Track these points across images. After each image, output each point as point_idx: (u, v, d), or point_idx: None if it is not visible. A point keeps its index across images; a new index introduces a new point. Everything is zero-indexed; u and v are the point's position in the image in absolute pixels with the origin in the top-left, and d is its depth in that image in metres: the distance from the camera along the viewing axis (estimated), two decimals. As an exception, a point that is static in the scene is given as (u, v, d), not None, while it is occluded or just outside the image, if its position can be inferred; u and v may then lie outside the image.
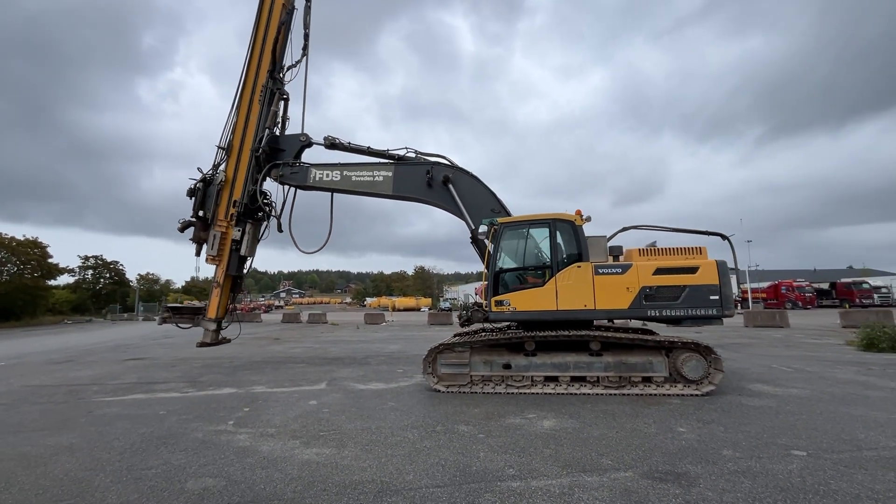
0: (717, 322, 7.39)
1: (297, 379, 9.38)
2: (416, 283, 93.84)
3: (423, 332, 23.67)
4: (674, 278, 7.42)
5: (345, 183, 8.63)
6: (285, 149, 9.03)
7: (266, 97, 9.04)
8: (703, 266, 7.40)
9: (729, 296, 7.29)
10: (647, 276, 7.47)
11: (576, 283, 7.62)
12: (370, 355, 13.36)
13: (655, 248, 7.98)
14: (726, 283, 7.31)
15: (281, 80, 9.31)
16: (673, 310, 7.35)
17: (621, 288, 7.47)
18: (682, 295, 7.34)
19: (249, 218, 9.28)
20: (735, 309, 7.50)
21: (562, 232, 7.90)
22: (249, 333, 24.08)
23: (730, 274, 7.47)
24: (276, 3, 9.35)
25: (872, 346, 12.64)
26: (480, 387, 7.68)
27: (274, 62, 9.09)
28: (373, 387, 8.41)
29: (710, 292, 7.27)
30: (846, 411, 6.07)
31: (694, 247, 7.80)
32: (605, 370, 7.44)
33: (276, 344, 17.85)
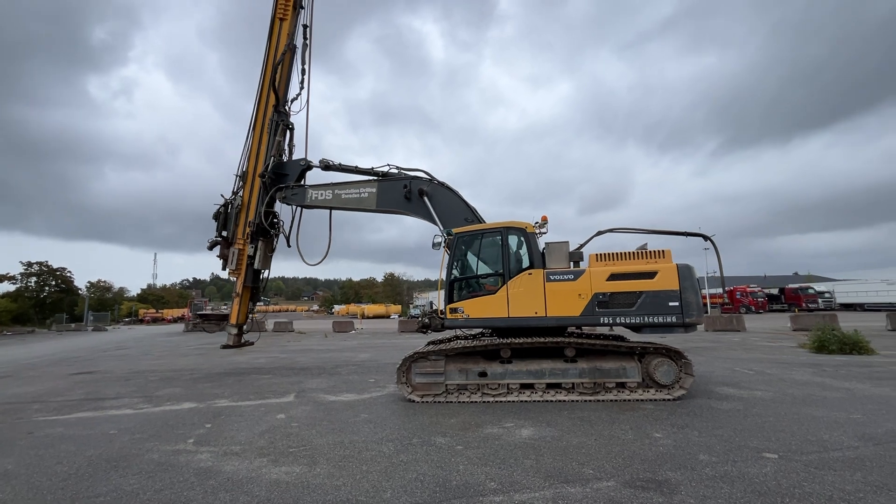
0: (678, 330, 7.08)
1: (262, 391, 8.93)
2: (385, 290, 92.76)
3: (393, 339, 23.30)
4: (629, 284, 7.22)
5: (336, 201, 9.44)
6: (289, 173, 9.98)
7: (272, 129, 10.15)
8: (661, 271, 7.14)
9: (691, 302, 6.95)
10: (600, 282, 7.32)
11: (527, 291, 7.62)
12: (340, 364, 12.97)
13: (614, 252, 7.76)
14: (688, 289, 6.99)
15: (286, 112, 10.39)
16: (628, 317, 7.15)
17: (573, 295, 7.37)
18: (639, 301, 7.13)
19: (262, 236, 10.33)
20: (698, 315, 6.98)
21: (513, 240, 7.99)
22: (211, 343, 23.01)
23: (695, 279, 7.16)
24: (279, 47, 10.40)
25: (823, 349, 13.36)
26: (456, 396, 7.53)
27: (277, 98, 10.15)
28: (344, 398, 8.11)
29: (669, 298, 7.01)
30: (809, 412, 6.30)
31: (657, 250, 7.52)
32: (580, 376, 7.45)
33: (240, 354, 17.07)
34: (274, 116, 10.21)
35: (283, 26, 10.65)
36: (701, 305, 7.09)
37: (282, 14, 10.61)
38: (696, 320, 7.02)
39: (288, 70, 10.65)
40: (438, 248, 8.33)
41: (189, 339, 27.74)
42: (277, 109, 10.22)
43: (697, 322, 7.09)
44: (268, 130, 10.26)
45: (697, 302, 7.02)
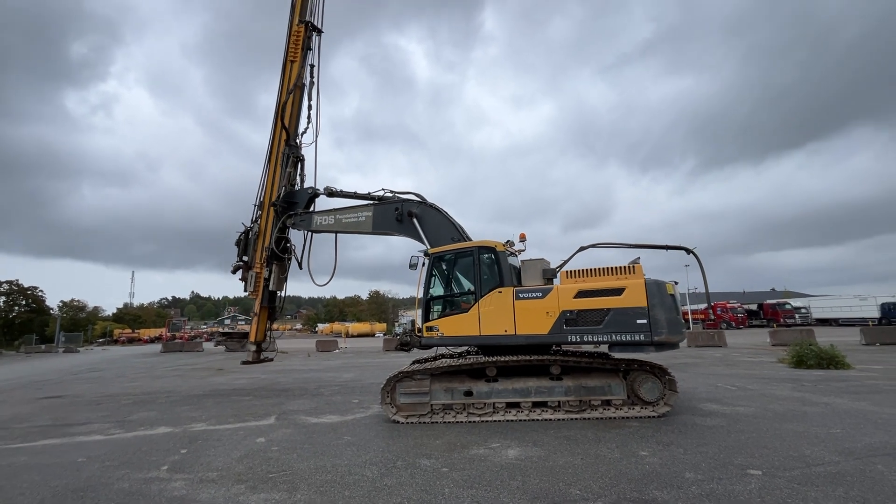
0: (648, 349, 6.75)
1: (242, 414, 8.65)
2: (370, 308, 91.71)
3: (378, 358, 22.97)
4: (596, 301, 7.02)
5: (338, 225, 9.99)
6: (298, 201, 10.65)
7: (284, 161, 10.89)
8: (629, 287, 6.89)
9: (659, 319, 6.63)
10: (567, 300, 7.17)
11: (497, 309, 7.64)
12: (323, 385, 12.69)
13: (584, 269, 7.60)
14: (656, 306, 6.69)
15: (296, 145, 11.12)
16: (595, 335, 6.96)
17: (541, 312, 7.26)
18: (606, 319, 6.90)
19: (276, 260, 10.90)
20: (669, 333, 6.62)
21: (484, 259, 8.05)
22: (189, 364, 22.33)
23: (666, 295, 6.81)
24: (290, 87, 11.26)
25: (802, 363, 13.62)
26: (441, 416, 7.41)
27: (288, 133, 10.91)
28: (326, 420, 7.90)
29: (637, 315, 6.73)
30: (790, 428, 6.37)
31: (627, 266, 7.30)
32: (565, 394, 7.42)
33: (219, 375, 16.61)
34: (285, 150, 10.95)
35: (293, 67, 11.39)
36: (675, 322, 6.78)
37: (292, 57, 11.39)
38: (666, 339, 6.65)
39: (298, 107, 11.39)
40: (415, 268, 8.58)
41: (166, 360, 26.88)
42: (288, 143, 10.96)
43: (669, 341, 6.75)
44: (280, 163, 10.98)
45: (669, 319, 6.69)
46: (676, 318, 6.91)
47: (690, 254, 7.98)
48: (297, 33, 11.35)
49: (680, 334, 6.99)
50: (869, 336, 23.06)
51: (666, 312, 6.71)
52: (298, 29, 11.37)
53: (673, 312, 6.82)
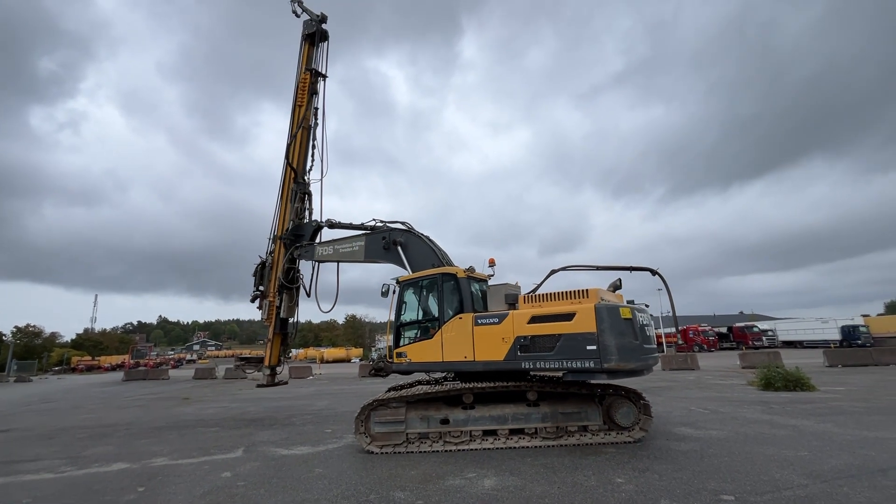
0: (599, 376, 6.54)
1: (207, 446, 8.23)
2: (346, 333, 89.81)
3: (353, 385, 22.39)
4: (548, 326, 6.83)
5: (336, 255, 10.50)
6: (304, 233, 11.34)
7: (292, 197, 11.69)
8: (579, 312, 6.63)
9: (608, 345, 6.32)
10: (521, 325, 7.03)
11: (458, 335, 7.67)
12: (295, 414, 12.24)
13: (541, 294, 7.53)
14: (605, 331, 6.39)
15: (304, 182, 11.88)
16: (547, 361, 6.76)
17: (497, 338, 7.18)
18: (558, 345, 6.69)
19: (286, 289, 11.50)
20: (620, 360, 6.32)
21: (447, 285, 8.09)
22: (153, 393, 21.24)
23: (619, 319, 6.49)
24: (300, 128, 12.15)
25: (770, 386, 13.97)
26: (417, 445, 7.24)
27: (295, 171, 11.77)
28: (298, 451, 7.60)
29: (587, 342, 6.45)
30: (760, 451, 6.48)
31: (582, 290, 7.06)
32: (542, 421, 7.38)
33: (185, 405, 15.83)
34: (293, 186, 11.79)
35: (300, 111, 12.32)
36: (628, 349, 6.45)
37: (300, 101, 12.30)
38: (616, 366, 6.33)
39: (305, 147, 12.23)
40: (386, 295, 8.83)
41: (129, 389, 25.49)
42: (296, 181, 11.78)
43: (620, 368, 6.40)
44: (289, 198, 11.81)
45: (621, 345, 6.38)
46: (632, 344, 6.53)
47: (655, 275, 7.95)
48: (304, 80, 12.32)
49: (638, 361, 6.60)
50: (831, 358, 23.92)
51: (617, 338, 6.41)
52: (305, 76, 12.35)
53: (626, 338, 6.49)
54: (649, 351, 7.02)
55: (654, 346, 7.30)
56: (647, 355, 6.90)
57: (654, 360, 7.19)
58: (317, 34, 12.50)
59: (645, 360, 6.80)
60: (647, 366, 6.98)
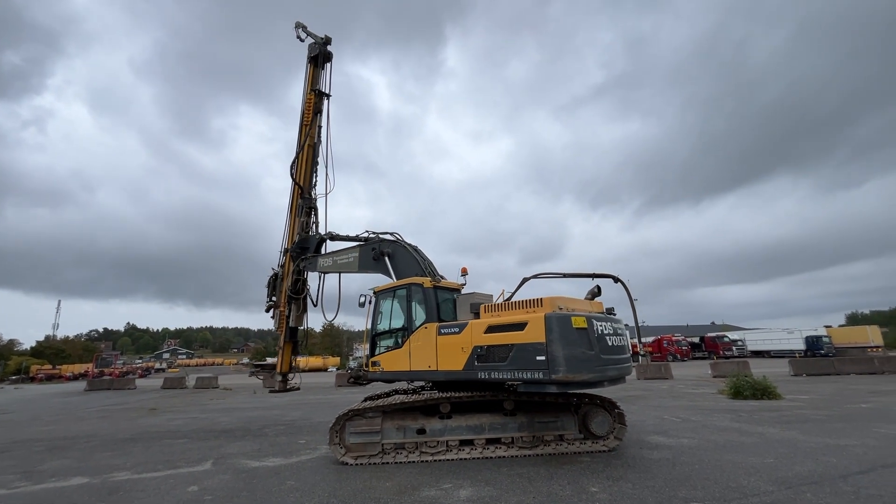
0: (550, 388, 6.29)
1: (174, 459, 7.93)
2: (324, 342, 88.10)
3: (329, 395, 21.98)
4: (503, 336, 6.72)
5: (335, 266, 10.81)
6: (309, 246, 11.68)
7: (299, 211, 12.21)
8: (530, 321, 6.47)
9: (557, 356, 6.08)
10: (479, 335, 6.97)
11: (423, 344, 7.70)
12: (268, 425, 11.93)
13: (500, 303, 7.42)
14: (554, 341, 6.16)
15: (310, 197, 12.36)
16: (501, 372, 6.66)
17: (457, 348, 7.16)
18: (510, 355, 6.57)
19: (294, 299, 11.82)
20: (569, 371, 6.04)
21: (415, 295, 8.16)
22: (118, 404, 20.39)
23: (570, 329, 6.23)
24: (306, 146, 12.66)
25: (739, 395, 14.37)
26: (393, 456, 7.14)
27: (301, 187, 12.28)
28: (269, 463, 7.39)
29: (537, 352, 6.27)
30: (729, 458, 6.64)
31: (536, 298, 6.89)
32: (519, 430, 7.39)
33: (152, 415, 15.23)
34: (300, 201, 12.31)
35: (306, 129, 12.87)
36: (580, 359, 6.15)
37: (306, 121, 12.84)
38: (564, 377, 6.05)
39: (310, 163, 12.66)
40: (363, 306, 9.08)
41: (91, 399, 24.38)
42: (303, 195, 12.26)
43: (569, 379, 6.10)
44: (296, 214, 12.36)
45: (570, 355, 6.11)
46: (584, 354, 6.22)
47: (618, 282, 7.81)
48: (310, 100, 12.81)
49: (592, 372, 6.27)
50: (796, 367, 24.81)
51: (566, 348, 6.13)
52: (310, 96, 12.84)
53: (577, 348, 6.20)
54: (612, 361, 6.64)
55: (621, 357, 6.94)
56: (608, 366, 6.52)
57: (618, 370, 6.82)
58: (320, 56, 13.00)
59: (602, 371, 6.41)
60: (607, 377, 6.60)
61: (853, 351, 44.74)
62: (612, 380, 6.90)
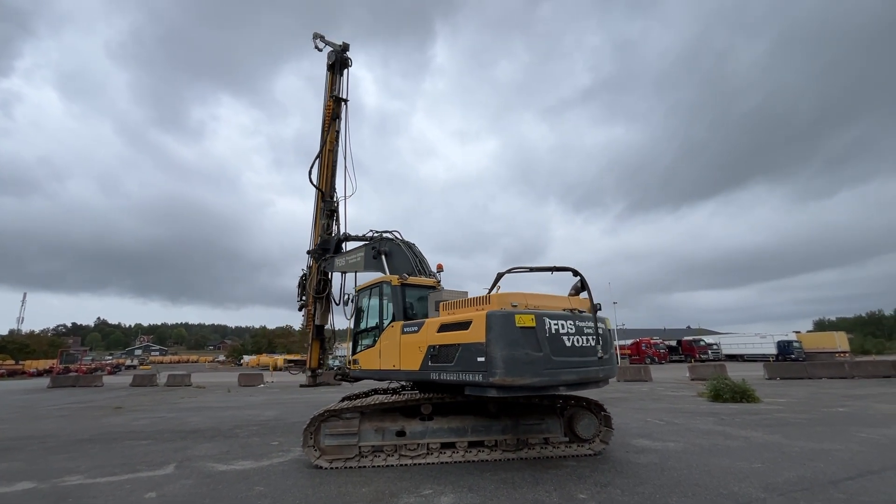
0: (489, 391, 5.83)
1: (133, 462, 7.39)
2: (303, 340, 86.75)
3: (307, 394, 21.40)
4: (451, 336, 6.35)
5: (347, 266, 10.94)
6: (329, 248, 11.98)
7: (322, 213, 12.60)
8: (475, 320, 6.03)
9: (495, 357, 5.61)
10: (432, 334, 6.67)
11: (390, 343, 7.56)
12: (240, 425, 11.39)
13: (456, 300, 7.01)
14: (493, 341, 5.69)
15: (331, 200, 12.67)
16: (448, 373, 6.28)
17: (415, 347, 6.91)
18: (457, 355, 6.17)
19: (317, 298, 12.20)
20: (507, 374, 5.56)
21: (385, 293, 8.06)
22: (82, 402, 19.41)
23: (513, 329, 5.74)
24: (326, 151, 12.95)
25: (719, 397, 14.44)
26: (370, 459, 6.77)
27: (322, 191, 12.70)
28: (238, 466, 6.93)
29: (478, 353, 5.83)
30: (717, 463, 6.49)
31: (482, 296, 6.54)
32: (503, 433, 7.12)
33: (116, 414, 14.47)
34: (322, 204, 12.70)
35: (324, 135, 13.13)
36: (522, 361, 5.63)
37: (326, 126, 13.11)
38: (502, 381, 5.57)
39: (331, 167, 12.94)
40: (347, 305, 9.31)
41: (54, 396, 23.19)
42: (324, 199, 12.65)
43: (508, 383, 5.60)
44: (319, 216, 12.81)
45: (510, 357, 5.61)
46: (528, 356, 5.67)
47: (577, 276, 7.14)
48: (329, 106, 13.05)
49: (538, 376, 5.68)
50: (771, 371, 25.33)
51: (506, 349, 5.65)
52: (329, 103, 13.07)
53: (520, 349, 5.67)
54: (570, 364, 5.97)
55: (584, 359, 6.16)
56: (563, 369, 5.88)
57: (579, 374, 6.08)
58: (337, 63, 13.18)
59: (553, 375, 5.78)
60: (560, 382, 5.92)
61: (822, 356, 46.13)
62: (572, 385, 6.14)
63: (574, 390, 6.48)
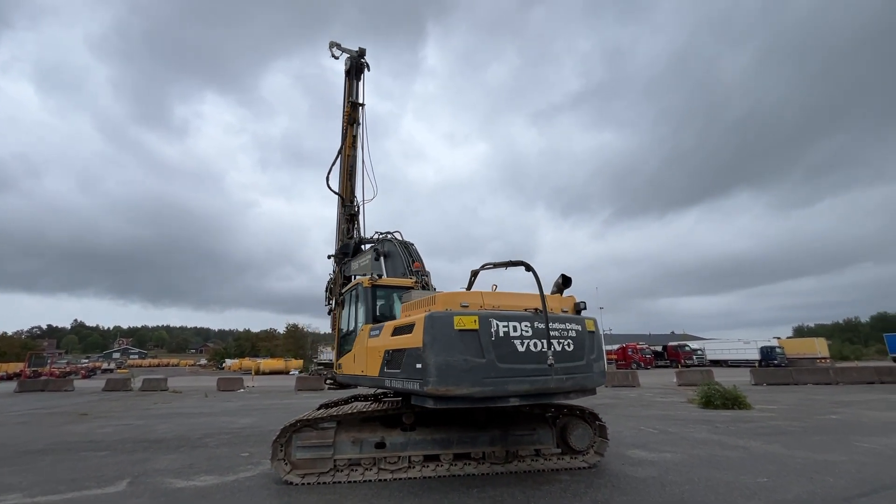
0: (427, 402, 5.31)
1: (83, 477, 6.68)
2: (287, 343, 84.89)
3: (287, 399, 20.63)
4: (400, 340, 5.85)
5: (359, 269, 10.78)
6: (348, 252, 11.88)
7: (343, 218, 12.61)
8: (416, 323, 5.44)
9: (429, 364, 5.03)
10: (387, 339, 6.28)
11: (360, 348, 7.30)
12: (210, 433, 10.68)
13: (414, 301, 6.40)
14: (429, 346, 5.11)
15: (351, 205, 12.63)
16: (396, 380, 5.77)
17: (376, 352, 6.49)
18: (403, 361, 5.64)
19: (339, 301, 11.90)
20: (440, 383, 4.97)
21: (359, 296, 7.88)
22: (48, 408, 18.38)
23: (451, 332, 5.12)
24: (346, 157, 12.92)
25: (709, 404, 14.14)
26: (346, 473, 6.20)
27: (342, 197, 12.71)
28: (199, 483, 6.29)
29: (417, 359, 5.27)
30: (720, 477, 6.07)
31: (429, 297, 5.96)
32: (491, 444, 6.62)
33: (80, 421, 13.58)
34: (342, 209, 12.74)
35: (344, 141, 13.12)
36: (463, 369, 5.00)
37: (344, 132, 13.07)
38: (433, 390, 4.98)
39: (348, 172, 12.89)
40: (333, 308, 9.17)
41: (19, 401, 21.96)
42: (343, 204, 12.70)
43: (448, 394, 5.00)
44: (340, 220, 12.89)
45: (444, 364, 5.01)
46: (467, 363, 5.03)
47: (529, 271, 6.26)
48: (347, 112, 13.01)
49: (479, 385, 5.02)
50: (757, 377, 25.34)
51: (440, 355, 5.05)
52: (347, 109, 13.05)
53: (457, 355, 5.05)
54: (523, 372, 5.23)
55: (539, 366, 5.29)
56: (513, 377, 5.17)
57: (534, 383, 5.27)
58: (353, 70, 13.12)
59: (499, 385, 5.09)
60: (508, 392, 5.19)
61: (803, 361, 46.66)
62: (526, 396, 5.37)
63: (527, 402, 5.57)
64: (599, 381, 6.02)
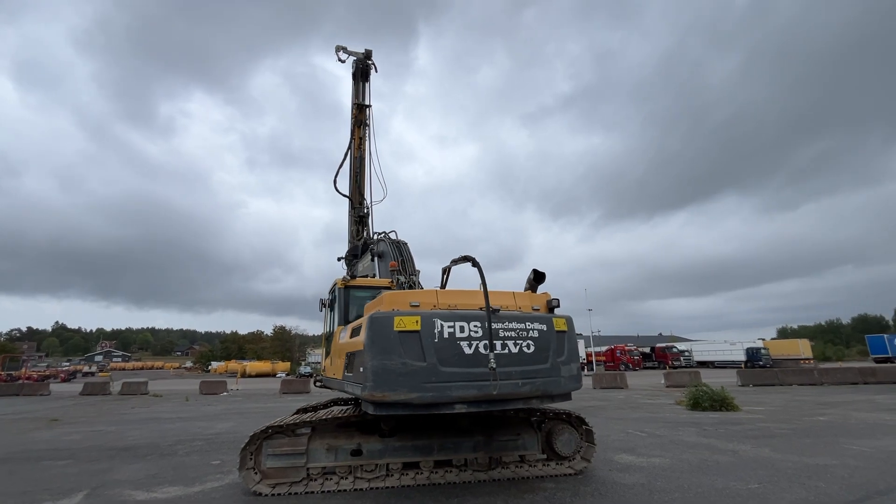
0: (368, 408, 4.97)
1: (37, 489, 6.23)
2: (274, 346, 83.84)
3: (270, 402, 20.14)
4: (352, 343, 5.70)
5: (364, 270, 10.72)
6: (357, 253, 11.82)
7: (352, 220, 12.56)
8: (362, 325, 5.20)
9: (367, 367, 4.76)
10: (347, 340, 6.20)
11: (335, 350, 7.17)
12: (183, 440, 10.21)
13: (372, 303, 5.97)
14: (367, 349, 4.82)
15: (360, 207, 12.57)
16: (350, 384, 5.57)
17: (342, 354, 6.39)
18: (354, 364, 5.48)
19: None
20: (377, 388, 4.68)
21: (337, 297, 7.74)
22: (18, 413, 17.65)
23: (390, 333, 4.79)
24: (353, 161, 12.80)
25: (698, 406, 14.03)
26: (320, 483, 5.85)
27: (350, 199, 12.64)
28: (161, 495, 5.88)
29: (361, 363, 5.01)
30: (709, 483, 5.84)
31: (380, 297, 5.59)
32: (474, 450, 6.32)
33: (49, 428, 12.99)
34: (351, 211, 12.69)
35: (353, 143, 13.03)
36: (400, 373, 4.68)
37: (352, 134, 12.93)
38: (370, 395, 4.68)
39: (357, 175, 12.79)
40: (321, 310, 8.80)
41: None
42: (352, 206, 12.63)
43: (384, 400, 4.68)
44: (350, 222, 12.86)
45: (383, 368, 4.70)
46: (406, 367, 4.70)
47: (475, 266, 5.79)
48: (354, 115, 12.92)
49: (418, 391, 4.68)
50: (744, 378, 25.44)
51: (377, 358, 4.74)
52: (354, 111, 12.95)
53: (395, 358, 4.72)
54: (470, 377, 4.84)
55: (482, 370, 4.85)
56: (458, 382, 4.80)
57: (481, 388, 4.84)
58: (358, 72, 13.00)
59: (441, 391, 4.74)
60: (452, 398, 4.81)
61: (788, 362, 47.27)
62: (473, 403, 4.94)
63: (481, 409, 5.07)
64: (569, 385, 5.48)
